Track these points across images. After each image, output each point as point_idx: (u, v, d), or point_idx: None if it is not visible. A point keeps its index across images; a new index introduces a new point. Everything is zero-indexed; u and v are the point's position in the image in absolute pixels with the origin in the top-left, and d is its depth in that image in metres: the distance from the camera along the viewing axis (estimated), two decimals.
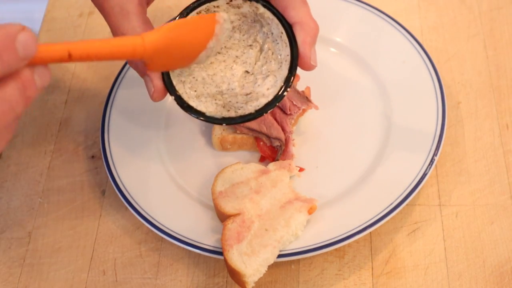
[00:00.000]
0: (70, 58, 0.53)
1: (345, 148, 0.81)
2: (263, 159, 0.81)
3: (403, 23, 0.89)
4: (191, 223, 0.75)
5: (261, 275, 0.69)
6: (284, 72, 0.69)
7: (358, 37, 0.89)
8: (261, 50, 0.71)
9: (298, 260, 0.74)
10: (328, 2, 0.92)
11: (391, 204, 0.73)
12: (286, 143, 0.78)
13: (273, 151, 0.80)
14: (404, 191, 0.74)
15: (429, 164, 0.75)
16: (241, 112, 0.69)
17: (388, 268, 0.73)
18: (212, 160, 0.82)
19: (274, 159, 0.79)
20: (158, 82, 0.67)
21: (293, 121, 0.80)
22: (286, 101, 0.80)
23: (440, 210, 0.77)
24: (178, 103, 0.68)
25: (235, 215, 0.72)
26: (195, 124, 0.85)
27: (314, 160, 0.80)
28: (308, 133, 0.83)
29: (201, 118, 0.68)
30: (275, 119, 0.80)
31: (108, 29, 0.70)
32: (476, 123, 0.83)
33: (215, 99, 0.70)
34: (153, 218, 0.75)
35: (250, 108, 0.69)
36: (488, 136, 0.82)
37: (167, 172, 0.80)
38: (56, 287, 0.76)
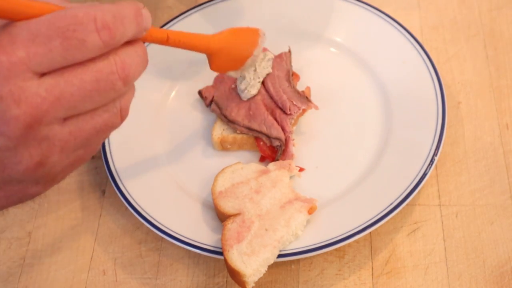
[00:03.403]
0: (167, 41, 0.60)
1: (345, 148, 0.81)
2: (263, 159, 0.81)
3: (403, 23, 0.89)
4: (191, 223, 0.75)
5: (261, 275, 0.69)
6: None
7: (358, 37, 0.89)
8: None
9: (298, 260, 0.74)
10: (328, 2, 0.92)
11: (391, 204, 0.73)
12: (286, 143, 0.78)
13: (273, 151, 0.80)
14: (404, 191, 0.73)
15: (429, 164, 0.75)
16: None
17: (388, 268, 0.73)
18: (212, 160, 0.82)
19: (274, 159, 0.79)
20: None
21: (293, 121, 0.80)
22: (286, 101, 0.80)
23: (440, 210, 0.77)
24: None
25: (235, 215, 0.72)
26: (195, 124, 0.85)
27: (314, 160, 0.80)
28: (308, 133, 0.83)
29: None
30: (275, 119, 0.80)
31: None
32: (476, 123, 0.83)
33: None
34: (153, 218, 0.75)
35: None
36: (488, 136, 0.82)
37: (167, 172, 0.80)
38: (56, 287, 0.76)
